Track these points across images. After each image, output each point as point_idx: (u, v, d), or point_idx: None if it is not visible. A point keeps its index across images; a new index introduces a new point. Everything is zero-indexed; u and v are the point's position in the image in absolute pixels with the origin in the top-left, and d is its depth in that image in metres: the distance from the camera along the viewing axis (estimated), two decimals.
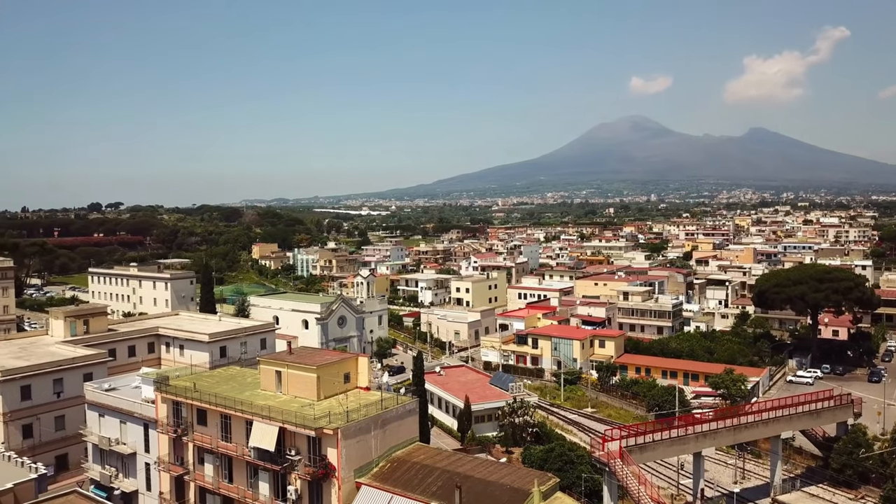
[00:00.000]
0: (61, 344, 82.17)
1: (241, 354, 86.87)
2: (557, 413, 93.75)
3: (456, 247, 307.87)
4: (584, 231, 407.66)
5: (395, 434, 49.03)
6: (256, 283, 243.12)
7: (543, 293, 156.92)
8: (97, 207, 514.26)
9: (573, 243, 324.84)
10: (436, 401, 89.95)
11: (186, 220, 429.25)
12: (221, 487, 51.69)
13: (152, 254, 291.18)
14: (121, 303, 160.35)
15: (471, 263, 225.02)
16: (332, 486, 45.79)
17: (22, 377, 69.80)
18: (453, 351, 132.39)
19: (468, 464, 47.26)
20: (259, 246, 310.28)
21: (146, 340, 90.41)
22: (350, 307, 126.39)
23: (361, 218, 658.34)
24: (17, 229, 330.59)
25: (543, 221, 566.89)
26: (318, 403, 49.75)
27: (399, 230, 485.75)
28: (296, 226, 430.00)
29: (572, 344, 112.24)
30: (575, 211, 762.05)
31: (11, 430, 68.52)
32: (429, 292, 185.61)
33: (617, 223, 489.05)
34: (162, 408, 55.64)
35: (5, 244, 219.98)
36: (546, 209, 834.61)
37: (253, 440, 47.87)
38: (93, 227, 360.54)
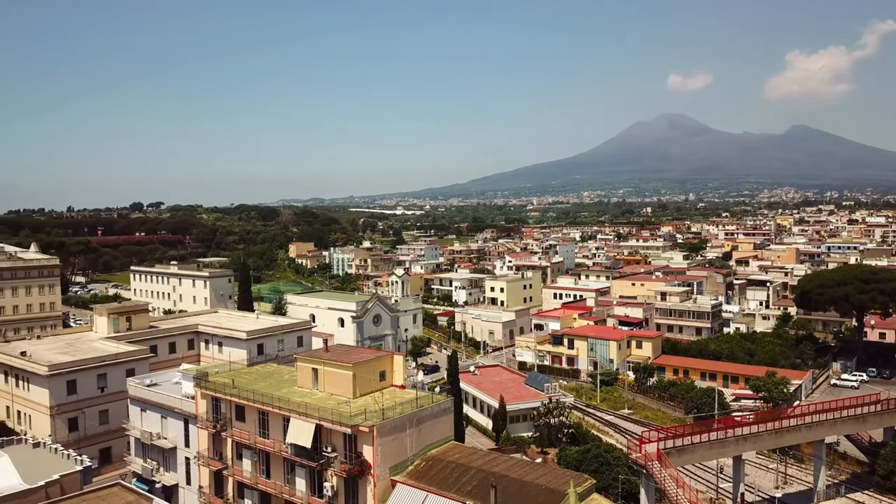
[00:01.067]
0: (105, 340, 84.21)
1: (279, 352, 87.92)
2: (593, 414, 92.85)
3: (490, 246, 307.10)
4: (620, 230, 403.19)
5: (430, 432, 49.06)
6: (293, 281, 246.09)
7: (579, 293, 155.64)
8: (139, 207, 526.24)
9: (610, 243, 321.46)
10: (470, 400, 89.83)
11: (225, 219, 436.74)
12: (259, 483, 52.35)
13: (192, 253, 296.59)
14: (161, 300, 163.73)
15: (505, 263, 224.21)
16: (367, 484, 46.02)
17: (68, 372, 71.80)
18: (488, 350, 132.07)
19: (503, 463, 47.04)
20: (296, 245, 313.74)
21: (186, 337, 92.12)
22: (385, 306, 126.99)
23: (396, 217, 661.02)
24: (63, 228, 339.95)
25: (579, 221, 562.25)
26: (353, 401, 50.06)
27: (433, 230, 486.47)
28: (331, 225, 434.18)
29: (609, 344, 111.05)
30: (611, 210, 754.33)
31: (58, 423, 70.49)
32: (463, 292, 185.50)
33: (654, 223, 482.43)
34: (201, 403, 56.57)
35: (52, 243, 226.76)
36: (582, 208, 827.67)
37: (290, 437, 48.37)
38: (135, 227, 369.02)
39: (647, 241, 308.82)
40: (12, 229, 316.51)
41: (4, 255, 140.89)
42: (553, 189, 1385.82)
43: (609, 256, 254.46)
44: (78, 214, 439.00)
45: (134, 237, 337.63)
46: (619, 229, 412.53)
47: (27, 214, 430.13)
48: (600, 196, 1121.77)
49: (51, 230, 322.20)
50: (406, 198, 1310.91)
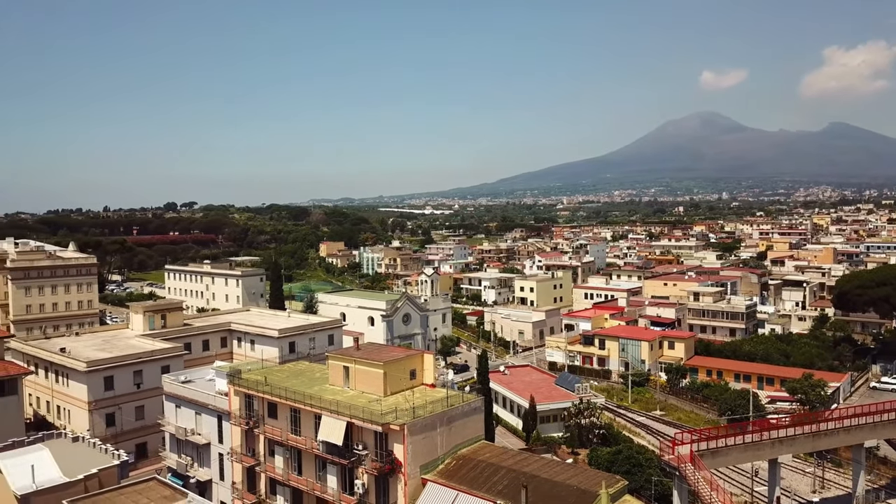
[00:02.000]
0: (141, 337, 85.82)
1: (310, 350, 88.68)
2: (625, 415, 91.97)
3: (520, 245, 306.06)
4: (652, 230, 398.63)
5: (460, 431, 49.03)
6: (324, 280, 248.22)
7: (610, 293, 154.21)
8: (172, 207, 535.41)
9: (641, 242, 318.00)
10: (500, 400, 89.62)
11: (256, 219, 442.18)
12: (291, 479, 52.85)
13: (224, 252, 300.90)
14: (195, 299, 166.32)
15: (535, 262, 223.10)
16: (398, 482, 46.17)
17: (105, 368, 73.34)
18: (518, 350, 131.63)
19: (534, 463, 46.83)
20: (326, 244, 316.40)
21: (219, 335, 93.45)
22: (414, 305, 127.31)
23: (425, 217, 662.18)
24: (100, 228, 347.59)
25: (610, 220, 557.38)
26: (384, 399, 50.25)
27: (462, 229, 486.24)
28: (361, 225, 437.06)
29: (640, 345, 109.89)
30: (643, 209, 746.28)
31: (96, 418, 72.03)
32: (492, 291, 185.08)
33: (687, 222, 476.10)
34: (234, 400, 57.30)
35: (89, 242, 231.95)
36: (613, 207, 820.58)
37: (321, 434, 48.74)
38: (169, 226, 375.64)
39: (679, 241, 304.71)
40: (51, 229, 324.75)
41: (44, 253, 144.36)
42: (583, 188, 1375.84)
43: (640, 256, 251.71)
44: (114, 214, 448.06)
45: (168, 236, 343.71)
46: (651, 229, 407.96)
47: (66, 214, 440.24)
48: (631, 195, 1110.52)
49: (88, 230, 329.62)
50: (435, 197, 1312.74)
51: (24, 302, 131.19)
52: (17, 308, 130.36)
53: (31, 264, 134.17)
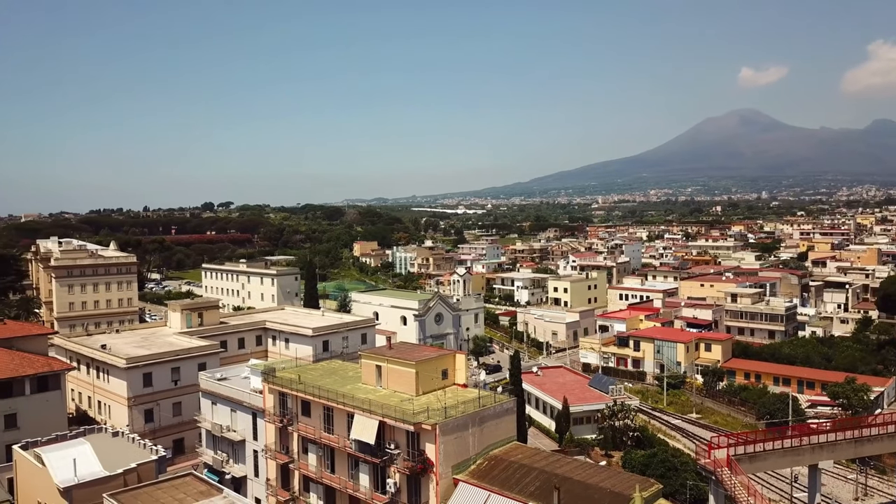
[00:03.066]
0: (178, 335, 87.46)
1: (343, 348, 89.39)
2: (660, 417, 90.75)
3: (553, 245, 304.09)
4: (689, 230, 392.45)
5: (492, 432, 48.85)
6: (357, 279, 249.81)
7: (646, 294, 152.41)
8: (210, 207, 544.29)
9: (678, 242, 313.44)
10: (533, 401, 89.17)
11: (291, 218, 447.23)
12: (324, 477, 53.25)
13: (260, 251, 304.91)
14: (231, 297, 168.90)
15: (569, 262, 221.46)
16: (430, 482, 46.18)
17: (144, 365, 74.91)
18: (551, 351, 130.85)
19: (567, 465, 46.41)
20: (360, 244, 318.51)
21: (254, 333, 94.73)
22: (447, 305, 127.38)
23: (458, 217, 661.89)
24: (140, 227, 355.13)
25: (646, 220, 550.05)
26: (416, 399, 50.33)
27: (495, 229, 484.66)
28: (394, 224, 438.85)
29: (676, 347, 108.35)
30: (679, 209, 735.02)
31: (135, 413, 73.60)
32: (525, 291, 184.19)
33: (725, 222, 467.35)
34: (269, 398, 57.96)
35: (129, 241, 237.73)
36: (649, 207, 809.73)
37: (354, 433, 49.01)
38: (206, 226, 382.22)
39: (716, 241, 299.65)
40: (93, 228, 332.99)
41: (86, 252, 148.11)
42: (619, 187, 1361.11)
43: (677, 256, 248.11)
44: (153, 214, 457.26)
45: (205, 236, 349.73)
46: (688, 229, 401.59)
47: (107, 214, 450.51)
48: (668, 194, 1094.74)
49: (128, 229, 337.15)
50: (468, 197, 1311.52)
51: (68, 299, 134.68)
52: (61, 305, 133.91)
53: (74, 263, 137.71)
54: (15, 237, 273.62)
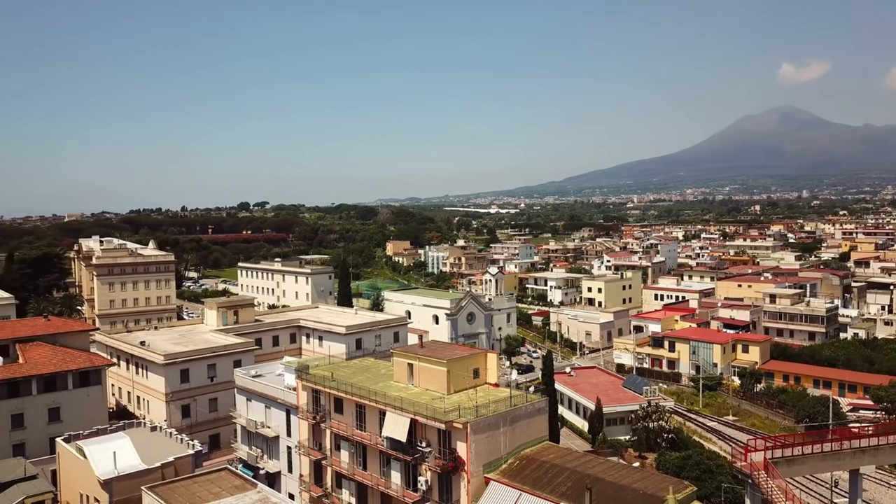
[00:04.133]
0: (215, 332, 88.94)
1: (376, 346, 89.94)
2: (695, 419, 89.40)
3: (587, 245, 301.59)
4: (726, 229, 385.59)
5: (524, 432, 48.65)
6: (390, 278, 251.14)
7: (681, 294, 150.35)
8: (245, 207, 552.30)
9: (715, 242, 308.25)
10: (566, 401, 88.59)
11: (326, 218, 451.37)
12: (356, 474, 53.62)
13: (294, 250, 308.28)
14: (266, 295, 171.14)
15: (603, 262, 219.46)
16: (461, 480, 46.18)
17: (182, 361, 76.37)
18: (584, 352, 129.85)
19: (599, 466, 45.99)
20: (392, 243, 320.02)
21: (289, 331, 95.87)
22: (479, 304, 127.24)
23: (490, 216, 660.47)
24: (178, 227, 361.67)
25: (682, 219, 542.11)
26: (448, 397, 50.36)
27: (528, 228, 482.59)
28: (427, 224, 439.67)
29: (712, 348, 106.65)
30: (717, 208, 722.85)
31: (173, 409, 75.07)
32: (558, 291, 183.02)
33: (763, 221, 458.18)
34: (302, 395, 58.57)
35: (167, 240, 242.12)
36: (685, 206, 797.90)
37: (386, 430, 49.26)
38: (242, 225, 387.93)
39: (755, 241, 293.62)
40: (133, 227, 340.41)
41: (127, 251, 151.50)
42: (654, 186, 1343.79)
43: (714, 256, 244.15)
44: (191, 214, 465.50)
45: (241, 235, 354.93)
46: (725, 228, 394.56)
47: (146, 213, 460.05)
48: (705, 193, 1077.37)
49: (167, 228, 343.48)
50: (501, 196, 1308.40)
51: (108, 297, 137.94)
52: (102, 303, 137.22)
53: (115, 261, 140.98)
54: (59, 236, 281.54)
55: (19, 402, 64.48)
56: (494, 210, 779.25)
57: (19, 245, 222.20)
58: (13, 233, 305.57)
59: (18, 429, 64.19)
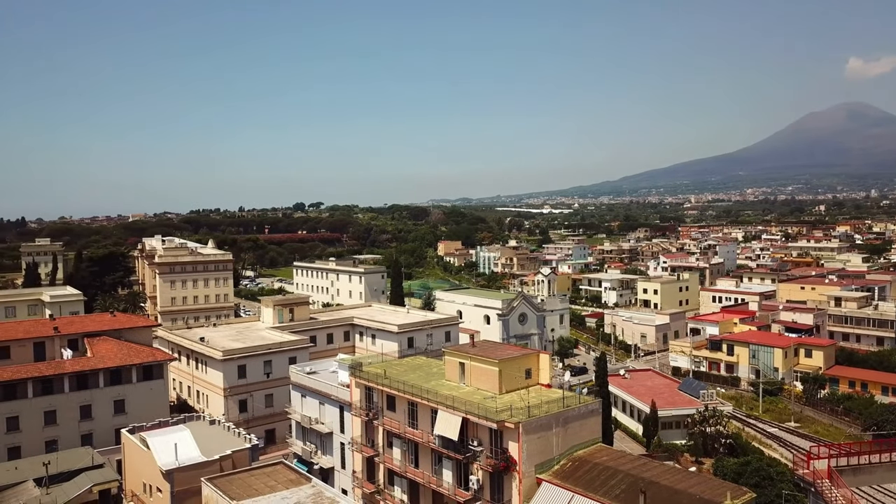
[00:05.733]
0: (271, 329, 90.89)
1: (427, 345, 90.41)
2: (754, 425, 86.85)
3: (643, 246, 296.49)
4: (789, 230, 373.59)
5: (576, 433, 48.16)
6: (441, 278, 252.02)
7: (741, 296, 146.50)
8: (301, 207, 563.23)
9: (776, 243, 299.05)
10: (619, 404, 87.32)
11: (378, 218, 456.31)
12: (408, 471, 53.99)
13: (348, 250, 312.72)
14: (320, 294, 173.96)
15: (659, 263, 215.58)
16: (512, 480, 46.02)
17: (239, 357, 78.32)
18: (639, 354, 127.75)
19: (654, 469, 45.15)
20: (444, 243, 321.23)
21: (342, 329, 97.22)
22: (531, 305, 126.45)
23: (543, 216, 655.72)
24: (235, 227, 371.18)
25: (742, 219, 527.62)
26: (500, 397, 50.24)
27: (582, 228, 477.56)
28: (478, 224, 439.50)
29: (773, 352, 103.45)
30: (779, 208, 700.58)
31: (230, 403, 77.06)
32: (613, 293, 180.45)
33: (829, 222, 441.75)
34: (356, 392, 59.30)
35: (225, 240, 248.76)
36: (745, 206, 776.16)
37: (437, 428, 49.44)
38: (297, 225, 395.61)
39: (819, 242, 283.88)
40: (193, 227, 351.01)
41: (187, 250, 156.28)
42: (713, 186, 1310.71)
43: (775, 258, 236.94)
44: (248, 214, 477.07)
45: (297, 235, 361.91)
46: (788, 229, 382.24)
47: (205, 214, 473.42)
48: (766, 193, 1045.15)
49: (225, 228, 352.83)
50: (553, 196, 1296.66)
51: (170, 294, 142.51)
52: (164, 300, 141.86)
53: (176, 260, 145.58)
54: (123, 236, 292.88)
55: (88, 394, 67.29)
56: (547, 210, 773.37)
57: (87, 244, 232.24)
58: (82, 232, 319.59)
59: (87, 420, 66.99)
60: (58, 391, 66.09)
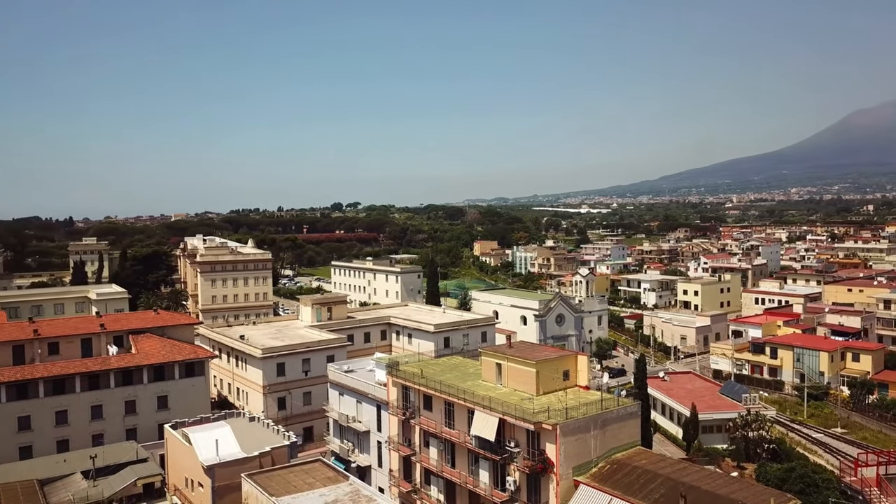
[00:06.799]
0: (309, 328, 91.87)
1: (464, 345, 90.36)
2: (799, 430, 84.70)
3: (683, 246, 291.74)
4: (835, 230, 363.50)
5: (615, 436, 47.61)
6: (477, 278, 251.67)
7: (785, 298, 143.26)
8: (338, 207, 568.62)
9: (822, 244, 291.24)
10: (658, 406, 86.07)
11: (415, 218, 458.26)
12: (445, 471, 54.02)
13: (385, 249, 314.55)
14: (357, 293, 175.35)
15: (700, 264, 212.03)
16: (549, 482, 45.69)
17: (278, 356, 79.35)
18: (679, 356, 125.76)
19: (694, 474, 44.36)
20: (480, 243, 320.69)
21: (379, 328, 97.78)
22: (568, 305, 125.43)
23: (581, 216, 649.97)
24: (274, 226, 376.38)
25: (786, 219, 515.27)
26: (537, 398, 49.95)
27: (620, 228, 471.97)
28: (515, 224, 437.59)
29: (819, 355, 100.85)
30: (824, 208, 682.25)
31: (269, 401, 78.10)
32: (652, 294, 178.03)
33: (877, 222, 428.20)
34: (392, 391, 59.56)
35: (265, 239, 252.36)
36: (789, 206, 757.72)
37: (474, 429, 49.36)
38: (335, 225, 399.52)
39: (867, 243, 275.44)
40: (233, 227, 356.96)
41: (227, 249, 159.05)
42: (755, 185, 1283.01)
43: (821, 259, 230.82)
44: (286, 214, 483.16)
45: (334, 234, 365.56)
46: (834, 229, 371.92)
47: (245, 213, 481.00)
48: (811, 193, 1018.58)
49: (264, 228, 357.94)
50: (591, 196, 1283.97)
51: (211, 293, 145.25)
52: (205, 298, 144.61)
53: (217, 259, 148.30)
54: (166, 235, 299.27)
55: (132, 389, 68.94)
56: (585, 210, 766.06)
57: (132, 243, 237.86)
58: (126, 231, 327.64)
59: (131, 414, 68.65)
60: (104, 386, 67.84)
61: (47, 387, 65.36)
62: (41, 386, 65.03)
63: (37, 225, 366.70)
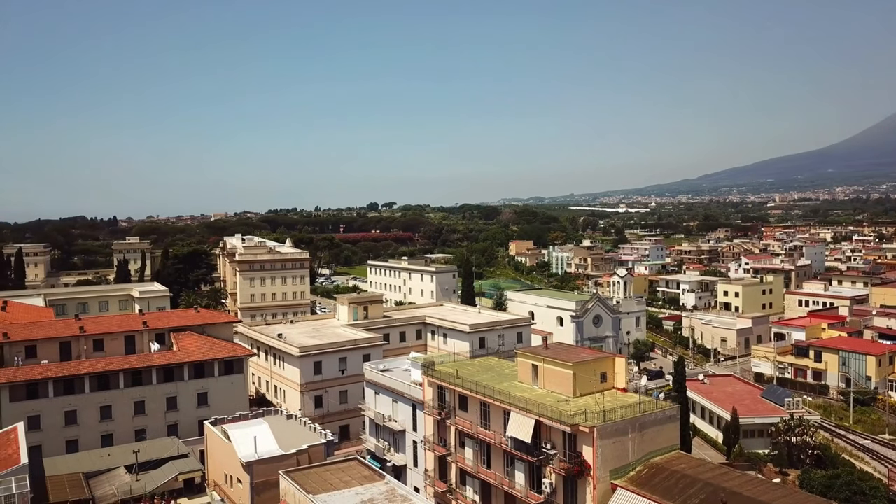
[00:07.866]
0: (345, 327, 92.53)
1: (499, 346, 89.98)
2: (844, 436, 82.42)
3: (724, 247, 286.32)
4: (883, 231, 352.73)
5: (653, 439, 46.89)
6: (512, 278, 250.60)
7: (830, 301, 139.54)
8: (374, 207, 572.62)
9: (869, 245, 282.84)
10: (698, 410, 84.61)
11: (450, 218, 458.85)
12: (480, 472, 53.87)
13: (420, 249, 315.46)
14: (393, 292, 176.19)
15: (741, 265, 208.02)
16: (586, 485, 45.20)
17: (315, 354, 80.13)
18: (719, 359, 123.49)
19: (735, 479, 43.45)
20: (515, 243, 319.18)
21: (415, 328, 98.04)
22: (606, 307, 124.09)
23: (618, 215, 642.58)
24: (311, 226, 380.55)
25: (831, 219, 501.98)
26: (573, 400, 49.49)
27: (659, 228, 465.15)
28: (551, 224, 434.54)
29: (865, 359, 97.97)
30: (872, 207, 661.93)
31: (306, 399, 78.90)
32: (692, 295, 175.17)
33: None
34: (428, 391, 59.61)
35: (302, 239, 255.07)
36: (834, 206, 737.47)
37: (510, 430, 49.11)
38: (371, 224, 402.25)
39: None
40: (271, 226, 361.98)
41: (266, 248, 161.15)
42: (799, 184, 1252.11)
43: (868, 260, 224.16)
44: (323, 213, 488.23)
45: (370, 234, 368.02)
46: (882, 229, 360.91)
47: (283, 213, 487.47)
48: (858, 192, 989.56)
49: (301, 227, 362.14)
50: (629, 195, 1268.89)
51: (249, 291, 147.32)
52: (244, 297, 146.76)
53: (255, 258, 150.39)
54: (206, 234, 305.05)
55: (173, 385, 70.27)
56: (623, 209, 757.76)
57: (173, 242, 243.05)
58: (167, 231, 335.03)
59: (172, 410, 69.99)
60: (146, 383, 69.26)
61: (92, 382, 66.98)
62: (87, 381, 66.68)
63: (83, 224, 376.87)
